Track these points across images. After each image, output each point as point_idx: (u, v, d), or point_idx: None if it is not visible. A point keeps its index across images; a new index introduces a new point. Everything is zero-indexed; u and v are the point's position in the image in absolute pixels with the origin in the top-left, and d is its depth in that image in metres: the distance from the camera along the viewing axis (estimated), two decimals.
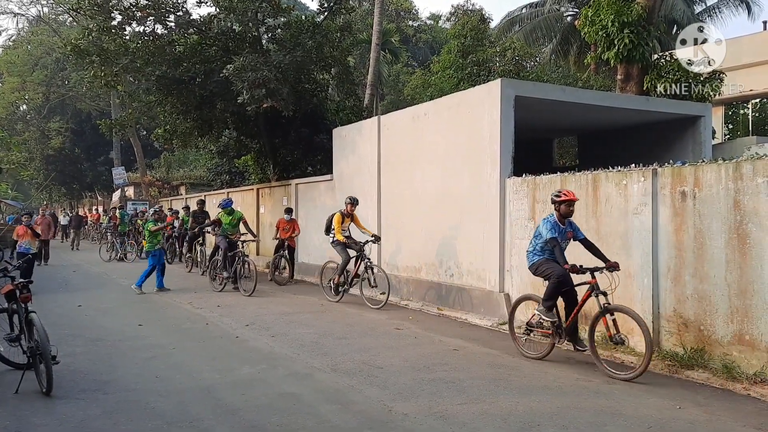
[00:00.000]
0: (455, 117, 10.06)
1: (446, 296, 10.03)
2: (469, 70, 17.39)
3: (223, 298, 11.37)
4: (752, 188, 5.86)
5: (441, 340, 7.79)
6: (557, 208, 6.57)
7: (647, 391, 5.62)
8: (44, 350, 5.43)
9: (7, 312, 6.06)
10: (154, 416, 4.95)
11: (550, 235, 6.44)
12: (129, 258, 19.78)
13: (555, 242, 6.41)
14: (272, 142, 17.55)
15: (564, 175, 8.12)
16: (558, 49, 24.09)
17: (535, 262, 6.75)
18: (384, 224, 12.05)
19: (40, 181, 43.07)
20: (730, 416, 4.94)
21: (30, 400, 5.41)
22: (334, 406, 5.21)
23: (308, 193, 15.31)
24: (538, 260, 6.70)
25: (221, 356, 7.03)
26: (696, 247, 6.37)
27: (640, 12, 11.99)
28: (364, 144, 12.83)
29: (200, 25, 15.43)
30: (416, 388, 5.65)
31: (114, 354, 7.17)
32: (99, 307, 10.54)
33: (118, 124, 18.86)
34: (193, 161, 36.04)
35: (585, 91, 12.59)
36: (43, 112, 39.22)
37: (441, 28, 43.33)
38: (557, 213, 6.56)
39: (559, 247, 6.40)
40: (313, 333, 8.19)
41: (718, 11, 24.28)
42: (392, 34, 33.65)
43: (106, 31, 14.82)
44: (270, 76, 13.31)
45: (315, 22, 15.69)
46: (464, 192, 9.74)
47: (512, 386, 5.76)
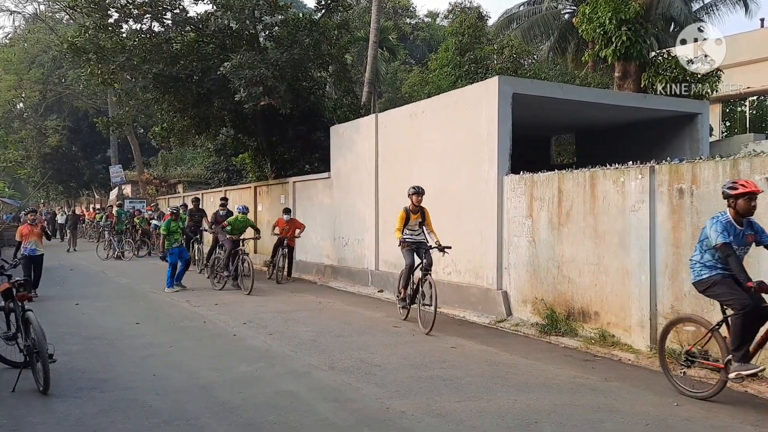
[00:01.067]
0: (453, 115, 10.05)
1: (444, 294, 10.02)
2: (467, 67, 17.39)
3: (220, 296, 11.36)
4: None
5: (438, 338, 7.78)
6: (732, 204, 5.02)
7: (644, 388, 5.63)
8: (41, 348, 5.42)
9: (4, 310, 6.04)
10: (152, 414, 4.94)
11: (721, 239, 4.90)
12: (126, 256, 19.74)
13: (728, 250, 4.88)
14: (270, 139, 17.53)
15: (562, 173, 8.13)
16: (555, 46, 24.06)
17: (704, 279, 5.15)
18: (381, 222, 12.04)
19: (37, 179, 42.97)
20: (727, 413, 4.94)
21: (27, 398, 5.39)
22: (332, 404, 5.21)
23: (306, 191, 15.30)
24: (710, 277, 5.09)
25: (219, 354, 7.03)
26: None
27: (638, 9, 11.98)
28: (361, 142, 12.82)
29: (197, 23, 15.39)
30: (414, 386, 5.65)
31: (111, 352, 7.16)
32: (96, 306, 10.52)
33: (115, 122, 18.83)
34: (190, 159, 36.01)
35: (582, 89, 12.60)
36: (39, 110, 39.08)
37: (438, 25, 43.28)
38: (732, 210, 5.02)
39: (735, 257, 4.88)
40: (310, 331, 8.18)
41: (716, 8, 24.28)
42: (390, 31, 33.59)
43: (102, 29, 14.77)
44: (267, 74, 13.28)
45: (312, 19, 15.65)
46: (462, 190, 9.73)
47: (510, 384, 5.76)
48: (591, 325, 7.51)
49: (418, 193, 8.42)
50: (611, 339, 7.21)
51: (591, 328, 7.49)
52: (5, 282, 6.07)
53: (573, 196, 7.86)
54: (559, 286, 8.02)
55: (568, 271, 7.89)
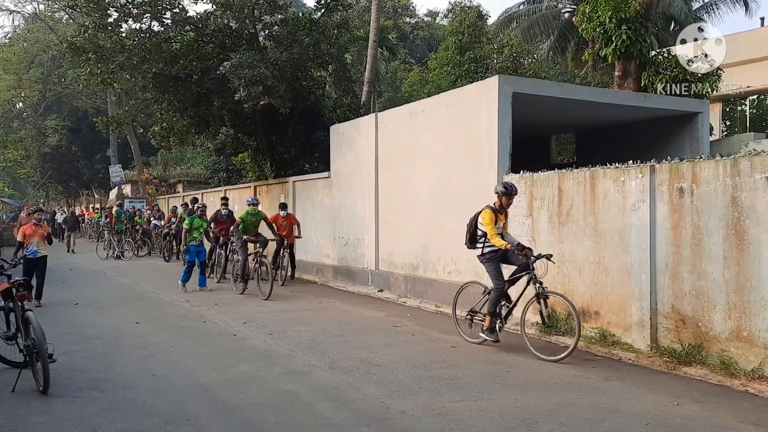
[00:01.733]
0: (453, 114, 10.04)
1: (444, 293, 10.02)
2: (467, 67, 17.37)
3: (220, 296, 11.35)
4: (750, 185, 5.86)
5: (439, 337, 7.78)
6: None
7: (645, 387, 5.62)
8: (41, 348, 5.42)
9: (4, 310, 6.03)
10: (151, 414, 4.94)
11: None
12: (126, 256, 19.75)
13: None
14: (269, 139, 17.52)
15: (562, 172, 8.12)
16: (556, 45, 24.06)
17: None
18: (381, 221, 12.03)
19: (37, 179, 42.95)
20: (727, 412, 4.94)
21: (27, 398, 5.39)
22: (332, 404, 5.20)
23: (305, 190, 15.29)
24: None
25: (218, 354, 7.02)
26: (694, 243, 6.37)
27: (638, 8, 11.97)
28: (361, 141, 12.81)
29: (197, 22, 15.38)
30: (414, 386, 5.64)
31: (111, 352, 7.15)
32: (96, 305, 10.52)
33: (114, 122, 18.81)
34: (190, 159, 35.98)
35: (583, 88, 12.57)
36: (39, 109, 39.06)
37: (438, 25, 43.26)
38: None
39: None
40: (310, 331, 8.18)
41: (716, 8, 24.29)
42: (390, 31, 33.57)
43: (102, 29, 14.75)
44: (267, 74, 13.27)
45: (312, 19, 15.64)
46: (462, 189, 9.72)
47: (510, 383, 5.76)
48: (591, 325, 7.51)
49: (510, 194, 7.10)
50: (611, 338, 7.20)
51: (591, 327, 7.49)
52: (5, 282, 6.06)
53: (573, 195, 7.85)
54: (560, 285, 7.99)
55: (569, 271, 7.88)
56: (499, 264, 7.12)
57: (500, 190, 7.14)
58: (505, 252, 6.98)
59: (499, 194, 7.13)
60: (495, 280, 7.06)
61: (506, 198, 7.11)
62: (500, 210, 7.19)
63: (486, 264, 7.18)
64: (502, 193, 7.11)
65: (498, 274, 7.06)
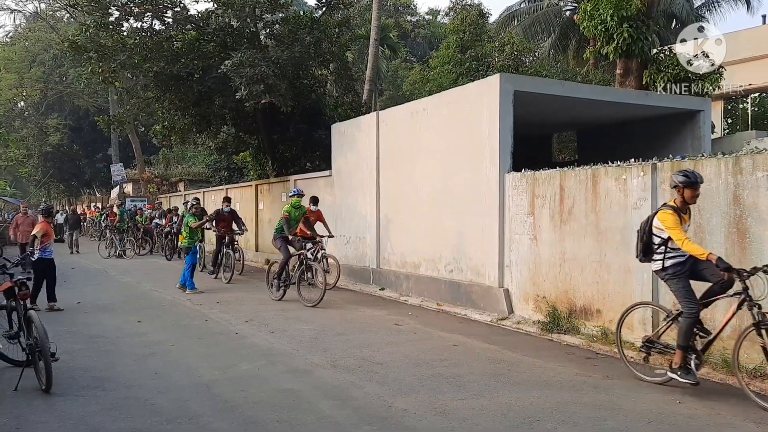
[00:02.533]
0: (454, 112, 10.03)
1: (445, 292, 10.03)
2: (468, 65, 17.35)
3: (222, 295, 11.36)
4: (752, 183, 5.85)
5: (440, 336, 7.78)
6: None
7: (647, 386, 5.62)
8: (43, 347, 5.43)
9: (6, 309, 6.04)
10: (154, 413, 4.94)
11: None
12: (128, 255, 19.76)
13: None
14: (271, 138, 17.53)
15: (563, 170, 8.11)
16: (557, 43, 24.03)
17: None
18: (383, 220, 12.03)
19: (39, 178, 43.04)
20: (729, 411, 4.93)
21: (29, 397, 5.40)
22: (334, 402, 5.20)
23: (307, 188, 15.21)
24: None
25: (220, 353, 7.03)
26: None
27: (639, 6, 11.95)
28: (362, 140, 12.81)
29: (198, 21, 15.39)
30: (416, 384, 5.65)
31: (113, 351, 7.16)
32: (98, 304, 10.53)
33: (116, 121, 18.84)
34: (191, 158, 35.99)
35: (584, 86, 12.56)
36: (40, 108, 39.11)
37: (439, 23, 43.24)
38: None
39: None
40: (312, 329, 8.18)
41: (717, 5, 24.24)
42: (391, 29, 33.58)
43: (103, 27, 14.77)
44: (268, 72, 13.27)
45: (313, 17, 15.64)
46: (463, 187, 9.72)
47: (512, 381, 5.76)
48: (593, 323, 7.50)
49: (695, 184, 5.37)
50: (613, 336, 7.18)
51: (593, 325, 7.48)
52: (7, 281, 6.07)
53: (575, 193, 7.84)
54: (561, 283, 8.00)
55: (570, 269, 7.88)
56: (689, 281, 5.50)
57: (680, 180, 5.39)
58: (695, 263, 5.42)
59: (680, 186, 5.40)
60: (686, 302, 5.42)
61: (690, 190, 5.37)
62: (683, 208, 5.50)
63: (670, 282, 5.57)
64: (683, 184, 5.37)
65: (689, 294, 5.43)
